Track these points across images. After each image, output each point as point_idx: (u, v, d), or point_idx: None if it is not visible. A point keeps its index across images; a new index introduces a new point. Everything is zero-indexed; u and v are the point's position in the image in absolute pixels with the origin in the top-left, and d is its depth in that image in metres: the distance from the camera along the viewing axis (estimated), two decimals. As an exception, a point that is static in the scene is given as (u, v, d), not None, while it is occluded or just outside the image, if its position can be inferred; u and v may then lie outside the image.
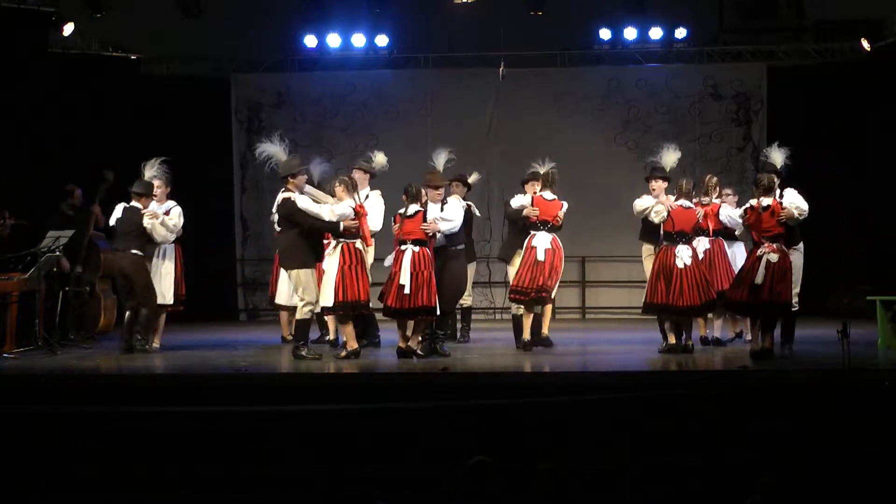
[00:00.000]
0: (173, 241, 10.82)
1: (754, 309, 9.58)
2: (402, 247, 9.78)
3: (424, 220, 9.78)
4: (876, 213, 14.20)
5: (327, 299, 9.84)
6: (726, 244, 11.10)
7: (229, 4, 14.57)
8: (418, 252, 9.70)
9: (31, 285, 10.60)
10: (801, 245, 9.85)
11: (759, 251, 9.50)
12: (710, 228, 10.79)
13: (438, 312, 9.83)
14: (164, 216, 10.58)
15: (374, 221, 10.56)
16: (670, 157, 10.53)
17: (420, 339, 9.94)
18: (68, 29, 13.65)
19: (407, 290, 9.60)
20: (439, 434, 7.83)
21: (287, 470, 7.76)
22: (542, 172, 10.77)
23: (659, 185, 10.37)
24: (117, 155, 10.83)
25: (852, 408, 7.87)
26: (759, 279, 9.37)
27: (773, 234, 9.46)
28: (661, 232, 10.19)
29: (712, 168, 15.19)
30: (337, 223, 9.81)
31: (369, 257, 10.49)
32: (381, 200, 10.87)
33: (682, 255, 9.97)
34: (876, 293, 10.95)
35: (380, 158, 10.90)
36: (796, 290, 9.65)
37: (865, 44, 14.23)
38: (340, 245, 9.86)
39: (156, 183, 10.65)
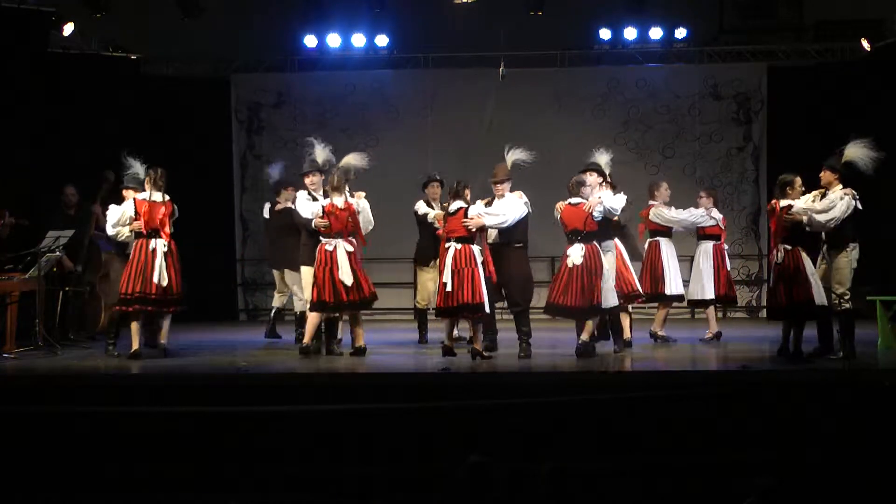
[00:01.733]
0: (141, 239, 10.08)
1: (781, 313, 9.54)
2: (447, 244, 9.76)
3: (465, 216, 9.72)
4: (876, 214, 14.18)
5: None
6: (705, 243, 11.43)
7: (229, 4, 14.54)
8: (460, 249, 9.64)
9: (31, 285, 10.61)
10: (850, 246, 9.60)
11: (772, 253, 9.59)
12: (647, 230, 11.17)
13: (516, 310, 9.97)
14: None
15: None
16: (601, 159, 10.44)
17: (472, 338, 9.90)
18: (68, 29, 13.62)
19: (449, 289, 9.58)
20: (439, 434, 7.84)
21: (288, 470, 7.77)
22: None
23: (592, 178, 10.04)
24: (117, 155, 10.79)
25: (852, 408, 7.89)
26: (771, 282, 9.52)
27: (782, 236, 9.42)
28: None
29: (712, 168, 15.26)
30: (309, 220, 10.06)
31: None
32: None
33: (573, 255, 9.69)
34: (876, 293, 10.95)
35: (348, 159, 10.33)
36: (843, 289, 9.48)
37: (865, 44, 14.22)
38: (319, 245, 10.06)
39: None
